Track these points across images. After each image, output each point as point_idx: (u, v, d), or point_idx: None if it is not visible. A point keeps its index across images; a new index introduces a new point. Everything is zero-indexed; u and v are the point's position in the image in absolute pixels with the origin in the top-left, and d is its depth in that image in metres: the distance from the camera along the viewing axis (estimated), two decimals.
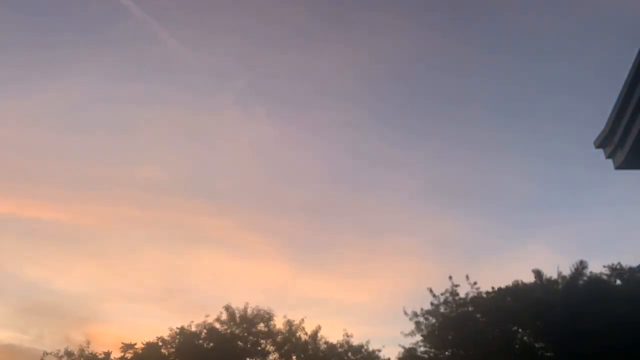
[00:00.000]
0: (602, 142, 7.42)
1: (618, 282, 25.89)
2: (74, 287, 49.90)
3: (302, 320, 31.78)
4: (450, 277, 27.56)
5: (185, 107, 53.37)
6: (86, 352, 30.45)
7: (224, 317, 31.65)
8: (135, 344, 30.20)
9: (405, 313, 27.76)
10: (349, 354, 31.41)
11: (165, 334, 30.92)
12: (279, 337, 31.56)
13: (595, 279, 25.73)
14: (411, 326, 27.67)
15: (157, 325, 47.61)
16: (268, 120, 54.12)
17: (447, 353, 27.15)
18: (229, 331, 31.33)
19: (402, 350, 28.26)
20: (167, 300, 49.71)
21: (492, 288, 27.24)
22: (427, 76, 52.38)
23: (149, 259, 51.89)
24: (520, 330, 26.62)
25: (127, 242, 51.98)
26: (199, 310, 50.09)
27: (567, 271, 26.37)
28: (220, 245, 52.54)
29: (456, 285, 27.46)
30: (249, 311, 31.84)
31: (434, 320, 27.47)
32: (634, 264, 25.58)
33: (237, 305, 32.02)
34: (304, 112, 55.37)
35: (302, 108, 55.00)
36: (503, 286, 27.11)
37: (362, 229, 53.68)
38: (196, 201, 53.23)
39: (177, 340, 30.72)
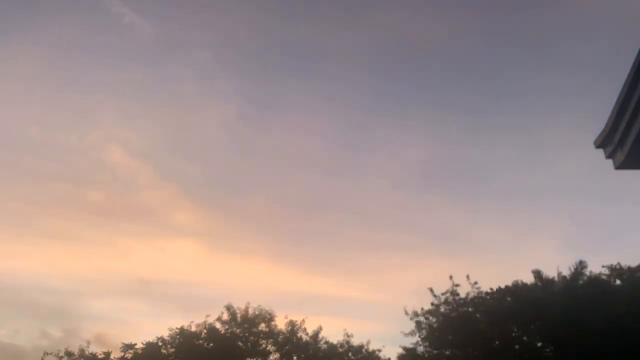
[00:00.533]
0: (602, 142, 7.42)
1: (618, 282, 25.93)
2: (50, 281, 49.12)
3: (304, 320, 31.85)
4: (451, 277, 27.62)
5: (149, 85, 49.61)
6: (86, 352, 30.47)
7: (225, 316, 31.68)
8: (136, 344, 30.22)
9: (406, 313, 27.85)
10: (350, 354, 31.39)
11: (165, 334, 30.95)
12: (280, 337, 31.56)
13: (595, 279, 25.77)
14: (411, 326, 27.77)
15: (134, 318, 47.17)
16: (241, 98, 50.54)
17: (447, 353, 27.15)
18: (229, 331, 31.32)
19: (402, 350, 28.35)
20: (145, 293, 49.26)
21: (491, 288, 27.30)
22: (431, 65, 51.27)
23: (124, 251, 51.00)
24: (520, 330, 26.63)
25: (99, 233, 50.78)
26: (183, 304, 49.59)
27: (566, 271, 26.46)
28: (199, 238, 51.82)
29: (456, 285, 27.52)
30: (251, 311, 31.87)
31: (434, 320, 27.49)
32: (634, 264, 25.66)
33: (237, 304, 32.04)
34: (295, 92, 50.60)
35: (294, 88, 50.45)
36: (503, 286, 27.15)
37: (361, 227, 53.48)
38: (169, 189, 51.76)
39: (177, 341, 30.71)
